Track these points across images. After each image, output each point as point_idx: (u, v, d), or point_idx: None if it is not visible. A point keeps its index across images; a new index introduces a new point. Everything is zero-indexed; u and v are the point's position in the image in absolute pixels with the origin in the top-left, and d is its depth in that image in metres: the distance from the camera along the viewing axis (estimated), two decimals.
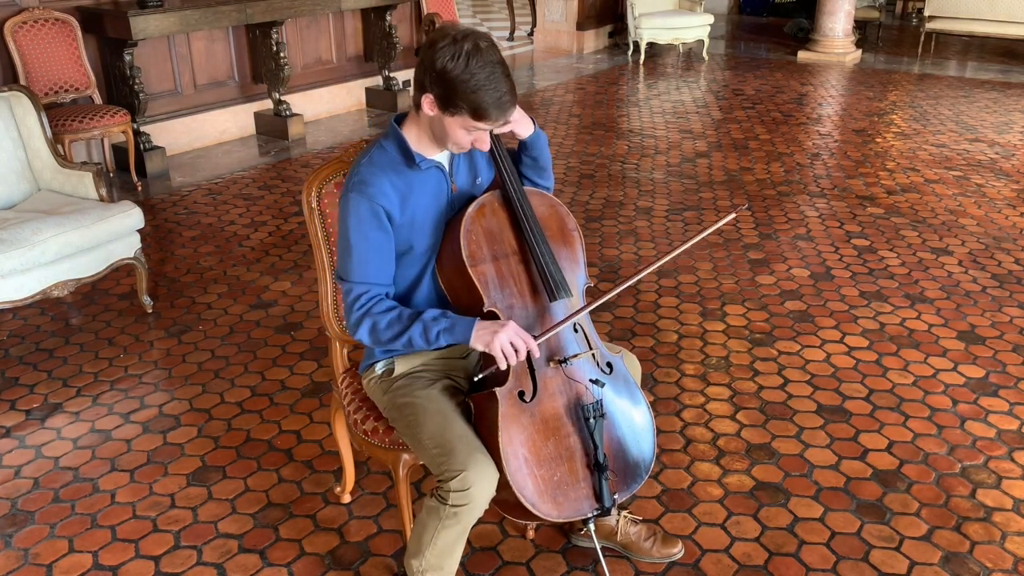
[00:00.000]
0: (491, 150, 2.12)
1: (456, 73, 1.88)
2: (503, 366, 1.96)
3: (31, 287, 3.50)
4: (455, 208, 2.14)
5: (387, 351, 2.22)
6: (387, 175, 2.05)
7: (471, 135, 1.99)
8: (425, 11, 7.74)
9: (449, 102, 1.92)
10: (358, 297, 2.06)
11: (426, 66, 1.93)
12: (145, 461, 2.95)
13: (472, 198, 2.13)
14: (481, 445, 2.00)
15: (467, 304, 2.08)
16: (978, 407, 3.24)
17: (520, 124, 2.16)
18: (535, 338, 2.01)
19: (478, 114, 1.92)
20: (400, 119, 2.12)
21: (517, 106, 2.03)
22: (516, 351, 1.95)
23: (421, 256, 2.13)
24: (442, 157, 2.14)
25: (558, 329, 2.05)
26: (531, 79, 8.85)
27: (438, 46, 1.90)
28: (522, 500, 1.98)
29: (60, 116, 5.18)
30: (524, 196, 2.13)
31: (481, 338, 1.96)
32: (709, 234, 2.13)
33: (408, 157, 2.07)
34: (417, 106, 2.02)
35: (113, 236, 3.75)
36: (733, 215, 2.28)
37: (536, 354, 1.99)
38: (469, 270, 2.03)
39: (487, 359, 2.11)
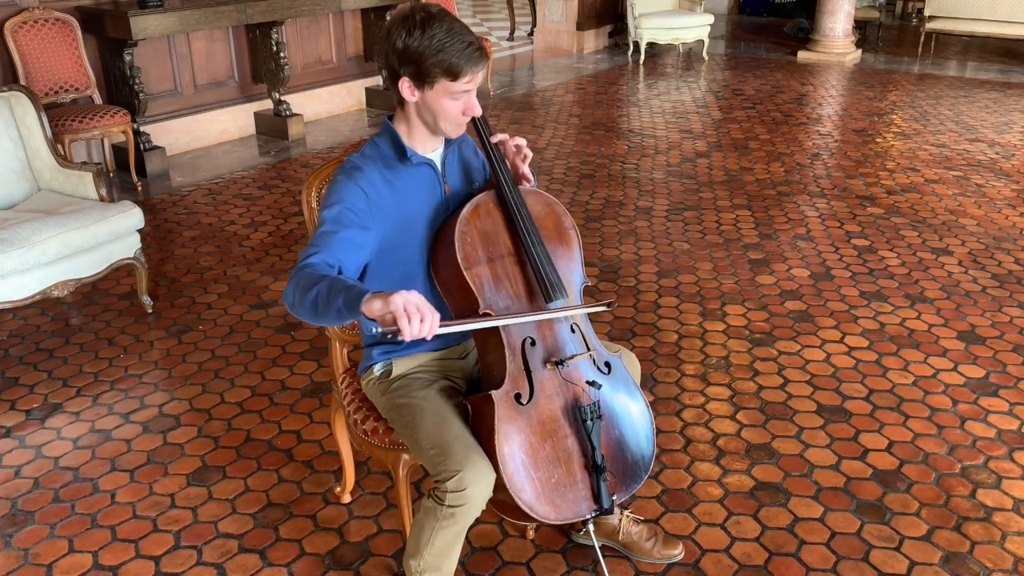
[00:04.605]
0: (486, 151, 2.13)
1: (417, 43, 1.92)
2: (404, 328, 1.68)
3: (31, 287, 3.51)
4: (450, 208, 2.14)
5: (385, 352, 2.22)
6: (378, 167, 2.06)
7: (459, 102, 1.99)
8: None
9: (423, 74, 1.94)
10: (304, 258, 1.92)
11: (390, 53, 1.96)
12: (145, 461, 2.95)
13: (469, 199, 2.13)
14: (478, 445, 2.00)
15: (462, 305, 2.08)
16: (978, 407, 3.24)
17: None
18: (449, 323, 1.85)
19: (452, 72, 1.93)
20: (392, 117, 2.13)
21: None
22: (421, 318, 1.70)
23: (413, 253, 2.12)
24: (434, 156, 2.14)
25: (457, 327, 1.92)
26: (531, 79, 8.84)
27: (393, 31, 1.96)
28: (519, 503, 1.97)
29: (60, 116, 5.18)
30: (520, 196, 2.12)
31: (379, 295, 1.72)
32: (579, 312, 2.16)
33: (400, 152, 2.08)
34: (399, 101, 2.04)
35: (113, 236, 3.75)
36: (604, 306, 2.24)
37: (430, 336, 1.73)
38: (464, 272, 2.02)
39: (484, 365, 2.11)
